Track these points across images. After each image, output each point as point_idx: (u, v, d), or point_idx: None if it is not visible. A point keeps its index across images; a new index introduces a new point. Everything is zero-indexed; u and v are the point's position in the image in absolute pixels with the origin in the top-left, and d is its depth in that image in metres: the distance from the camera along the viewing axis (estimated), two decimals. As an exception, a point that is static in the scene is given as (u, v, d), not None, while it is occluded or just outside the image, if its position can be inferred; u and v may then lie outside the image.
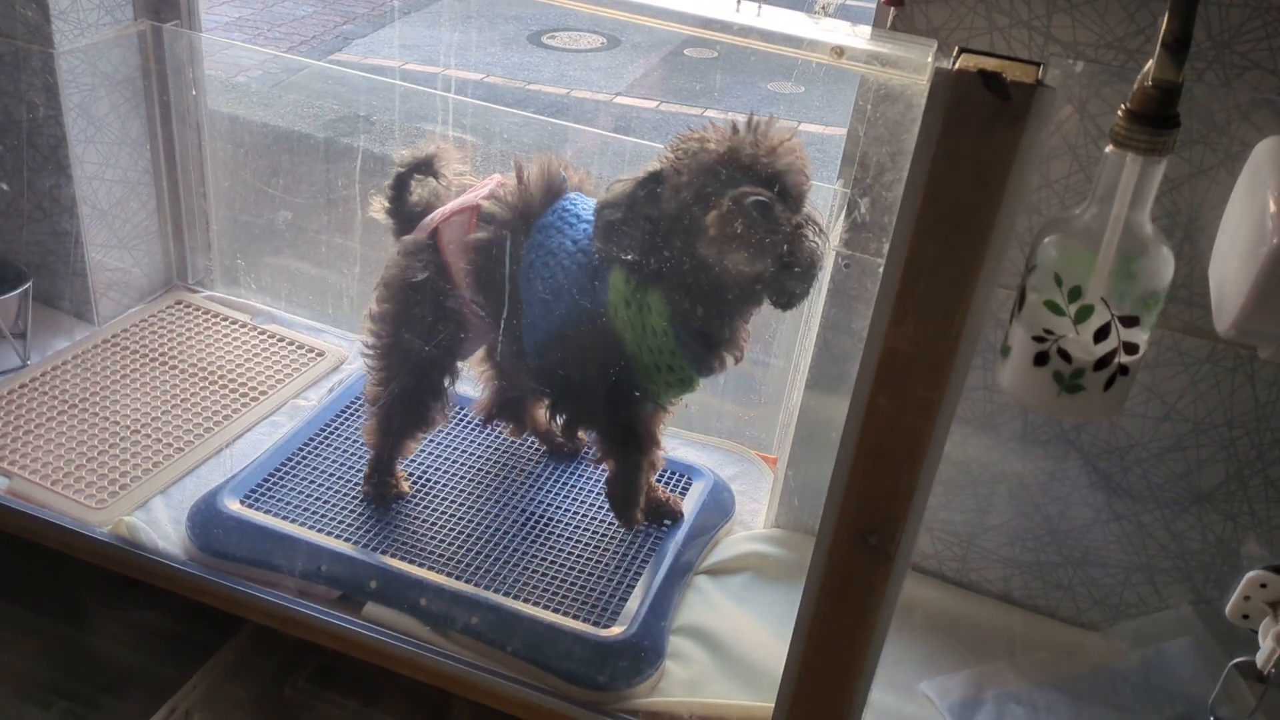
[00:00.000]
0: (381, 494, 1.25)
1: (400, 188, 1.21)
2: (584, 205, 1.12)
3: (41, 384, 1.40)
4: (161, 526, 1.21)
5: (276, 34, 3.78)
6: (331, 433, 1.36)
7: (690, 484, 1.34)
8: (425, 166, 1.21)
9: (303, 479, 1.27)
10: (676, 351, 1.06)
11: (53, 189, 1.44)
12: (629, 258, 1.04)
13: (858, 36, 0.78)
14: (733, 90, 4.55)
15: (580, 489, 1.31)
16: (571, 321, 1.09)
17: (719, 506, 1.33)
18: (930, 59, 0.72)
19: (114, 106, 1.44)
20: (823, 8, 1.29)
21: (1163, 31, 0.61)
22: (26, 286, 1.41)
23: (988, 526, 1.22)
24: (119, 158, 1.47)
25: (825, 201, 1.32)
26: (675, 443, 1.44)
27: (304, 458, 1.31)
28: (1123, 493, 1.15)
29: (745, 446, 1.45)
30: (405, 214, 1.21)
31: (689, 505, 1.30)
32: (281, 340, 1.55)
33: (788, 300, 1.03)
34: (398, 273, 1.17)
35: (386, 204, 1.22)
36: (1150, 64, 0.64)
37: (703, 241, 0.98)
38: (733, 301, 1.04)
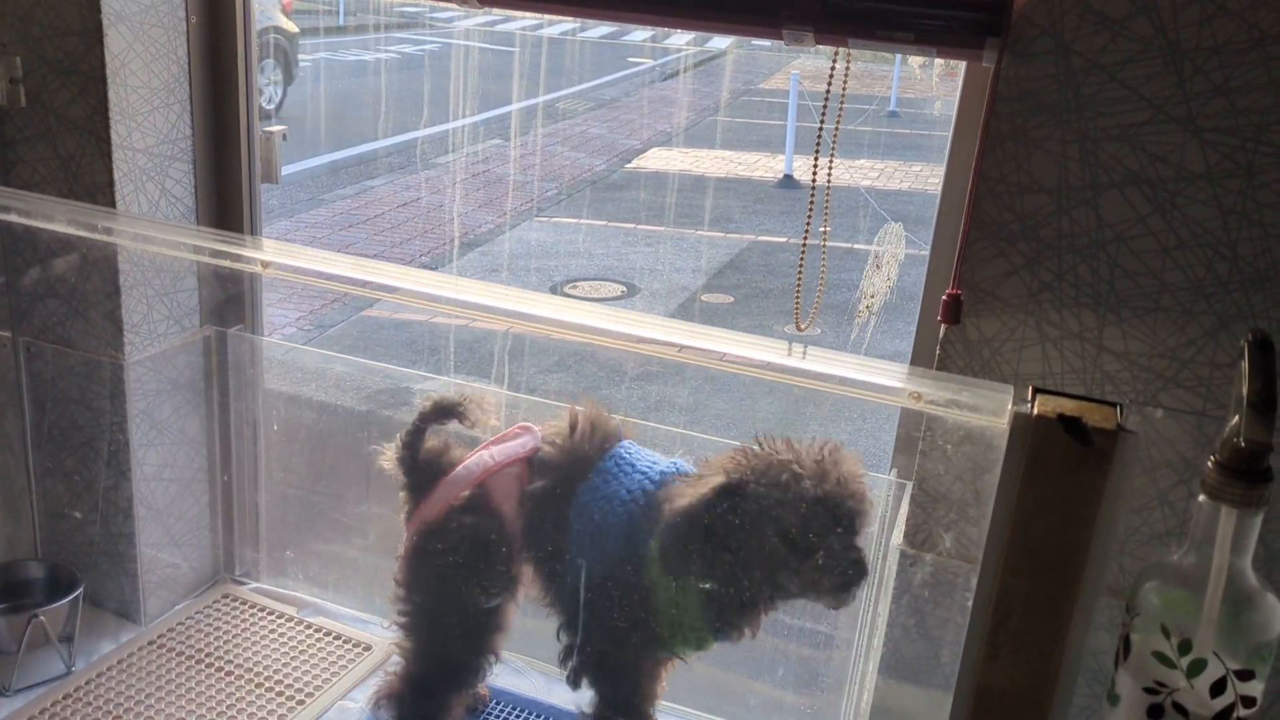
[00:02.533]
0: None
1: (418, 438, 1.19)
2: (637, 454, 1.14)
3: (85, 693, 1.36)
4: None
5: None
6: (382, 742, 1.30)
7: (756, 790, 1.28)
8: (452, 415, 1.18)
9: (353, 798, 1.22)
10: (702, 617, 1.09)
11: (110, 491, 1.45)
12: (695, 568, 1.05)
13: (893, 375, 0.82)
14: (749, 332, 4.67)
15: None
16: (613, 564, 1.11)
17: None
18: (1011, 405, 0.74)
19: (175, 409, 1.48)
20: (867, 307, 1.34)
21: (1247, 393, 0.63)
22: (78, 593, 1.40)
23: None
24: (176, 457, 1.50)
25: (881, 491, 1.33)
26: (735, 739, 1.38)
27: (354, 772, 1.25)
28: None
29: (809, 743, 1.39)
30: (418, 467, 1.19)
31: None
32: (327, 634, 1.52)
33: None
34: (451, 531, 1.15)
35: (399, 454, 1.19)
36: (1237, 419, 0.65)
37: (783, 573, 1.03)
38: (771, 601, 1.10)
